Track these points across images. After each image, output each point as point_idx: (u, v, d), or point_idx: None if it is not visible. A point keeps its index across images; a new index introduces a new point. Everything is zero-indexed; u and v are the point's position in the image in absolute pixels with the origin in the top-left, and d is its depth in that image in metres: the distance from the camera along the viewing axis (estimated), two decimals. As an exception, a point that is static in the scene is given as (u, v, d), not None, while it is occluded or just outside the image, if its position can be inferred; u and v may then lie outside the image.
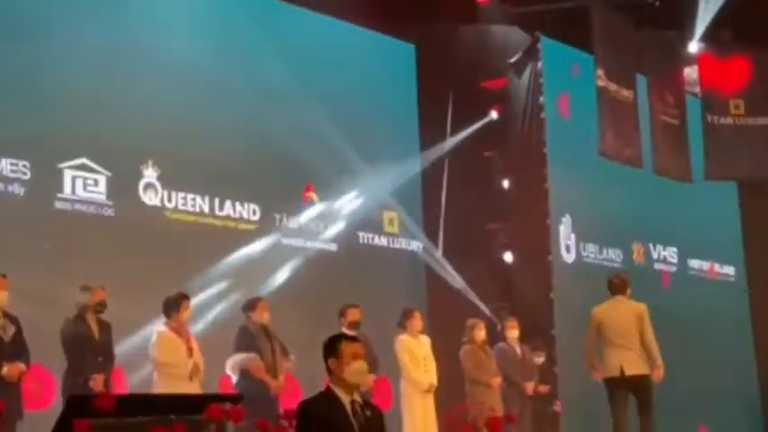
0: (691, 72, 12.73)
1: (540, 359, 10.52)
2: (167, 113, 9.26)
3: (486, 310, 11.39)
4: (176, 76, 9.39)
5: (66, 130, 8.63)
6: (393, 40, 11.55)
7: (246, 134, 9.88)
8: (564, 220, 12.42)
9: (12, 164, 8.28)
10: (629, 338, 8.28)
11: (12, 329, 6.97)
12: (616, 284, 8.61)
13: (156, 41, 9.36)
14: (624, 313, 8.41)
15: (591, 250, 12.90)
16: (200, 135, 9.46)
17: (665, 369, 8.37)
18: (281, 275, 9.76)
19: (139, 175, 9.10)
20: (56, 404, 7.32)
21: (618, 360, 8.28)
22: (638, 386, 8.27)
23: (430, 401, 8.91)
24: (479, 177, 12.01)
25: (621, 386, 8.28)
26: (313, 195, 10.46)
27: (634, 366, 8.24)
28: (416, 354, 8.97)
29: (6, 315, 7.02)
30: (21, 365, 6.93)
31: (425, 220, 11.64)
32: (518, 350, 10.19)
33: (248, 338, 8.14)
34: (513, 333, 10.14)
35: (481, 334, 9.71)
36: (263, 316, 8.24)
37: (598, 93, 11.01)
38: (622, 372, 8.23)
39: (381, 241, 11.14)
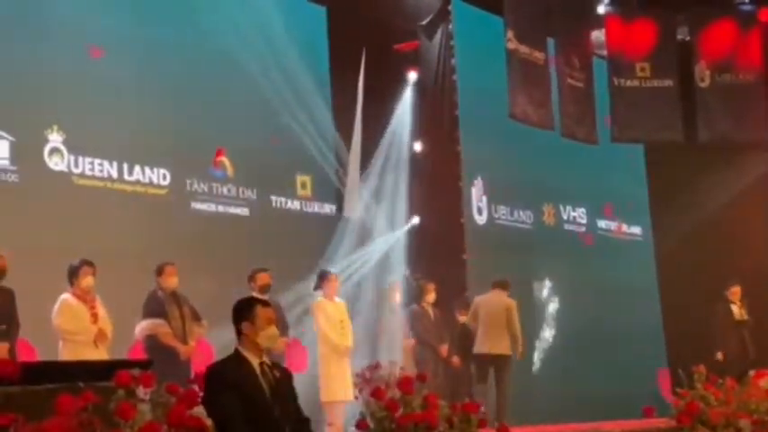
0: (599, 35, 12.90)
1: (463, 318, 10.66)
2: (71, 76, 9.04)
3: (406, 273, 11.49)
4: (80, 39, 9.16)
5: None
6: (304, 1, 11.45)
7: (155, 97, 9.71)
8: (476, 182, 12.56)
9: None
10: (497, 324, 9.82)
11: None
12: (497, 283, 10.13)
13: (58, 4, 9.12)
14: (497, 305, 9.93)
15: (502, 212, 13.07)
16: (107, 98, 9.27)
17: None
18: (192, 240, 9.64)
19: (44, 140, 8.89)
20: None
21: (488, 341, 9.84)
22: (499, 362, 9.84)
23: (346, 363, 8.94)
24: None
25: (486, 362, 9.89)
26: (224, 160, 10.35)
27: (498, 347, 9.81)
28: (333, 317, 8.98)
29: None
30: None
31: (339, 184, 11.61)
32: (431, 313, 10.32)
33: (156, 304, 8.06)
34: (430, 297, 10.31)
35: (396, 297, 9.80)
36: (170, 281, 8.16)
37: (508, 55, 11.10)
38: (489, 350, 9.80)
39: (294, 205, 11.10)
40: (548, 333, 13.26)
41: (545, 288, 13.40)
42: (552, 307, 13.37)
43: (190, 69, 9.93)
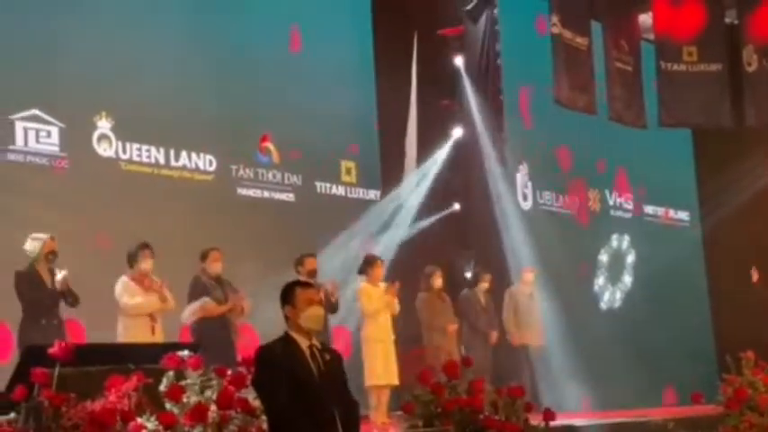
0: (646, 18, 12.75)
1: None
2: (120, 63, 9.11)
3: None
4: (129, 26, 9.23)
5: (16, 81, 8.50)
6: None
7: (202, 84, 9.78)
8: (520, 167, 12.51)
9: (-39, 116, 8.16)
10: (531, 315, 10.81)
11: None
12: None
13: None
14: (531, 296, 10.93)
15: (547, 198, 13.01)
16: (155, 85, 9.34)
17: None
18: (238, 226, 9.71)
19: (93, 127, 9.00)
20: (14, 357, 7.28)
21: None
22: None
23: (391, 348, 8.93)
24: (436, 126, 12.00)
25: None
26: (269, 145, 10.40)
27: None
28: (378, 301, 8.95)
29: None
30: None
31: (383, 170, 11.62)
32: (482, 299, 10.43)
33: (200, 289, 8.15)
34: (483, 285, 10.55)
35: (438, 281, 9.81)
36: (214, 266, 8.24)
37: (553, 40, 11.01)
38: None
39: (339, 191, 11.13)
40: (627, 278, 14.01)
41: (624, 241, 14.01)
42: (630, 258, 14.12)
43: (235, 55, 9.98)
